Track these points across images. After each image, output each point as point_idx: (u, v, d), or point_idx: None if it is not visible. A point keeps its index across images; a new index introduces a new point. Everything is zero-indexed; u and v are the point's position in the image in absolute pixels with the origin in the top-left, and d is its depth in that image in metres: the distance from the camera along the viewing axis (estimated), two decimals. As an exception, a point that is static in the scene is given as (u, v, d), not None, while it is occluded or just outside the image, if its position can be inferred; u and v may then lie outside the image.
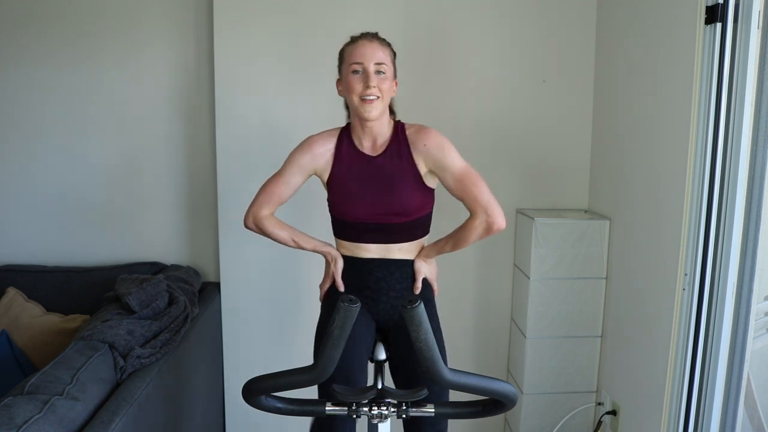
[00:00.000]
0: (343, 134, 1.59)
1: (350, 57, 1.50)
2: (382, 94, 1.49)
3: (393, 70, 1.54)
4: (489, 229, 1.49)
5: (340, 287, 1.61)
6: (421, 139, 1.53)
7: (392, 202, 1.52)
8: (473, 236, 1.51)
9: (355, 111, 1.52)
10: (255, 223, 1.60)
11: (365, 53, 1.48)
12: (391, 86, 1.53)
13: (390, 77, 1.52)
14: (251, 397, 1.15)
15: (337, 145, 1.57)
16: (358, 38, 1.52)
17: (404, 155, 1.54)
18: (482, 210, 1.48)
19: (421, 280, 1.62)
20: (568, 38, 2.30)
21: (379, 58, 1.49)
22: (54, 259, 2.41)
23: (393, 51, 1.56)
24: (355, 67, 1.48)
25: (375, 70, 1.48)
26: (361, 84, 1.48)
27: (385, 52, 1.51)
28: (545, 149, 2.36)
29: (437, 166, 1.52)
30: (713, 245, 1.62)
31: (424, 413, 1.19)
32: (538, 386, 2.27)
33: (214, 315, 2.32)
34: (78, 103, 2.34)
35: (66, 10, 2.29)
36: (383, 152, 1.55)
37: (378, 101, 1.48)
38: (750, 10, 1.49)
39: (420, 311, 1.02)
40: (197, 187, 2.41)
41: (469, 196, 1.49)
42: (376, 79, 1.47)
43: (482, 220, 1.48)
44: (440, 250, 1.61)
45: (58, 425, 1.22)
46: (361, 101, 1.48)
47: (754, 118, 1.54)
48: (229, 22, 2.20)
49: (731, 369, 1.64)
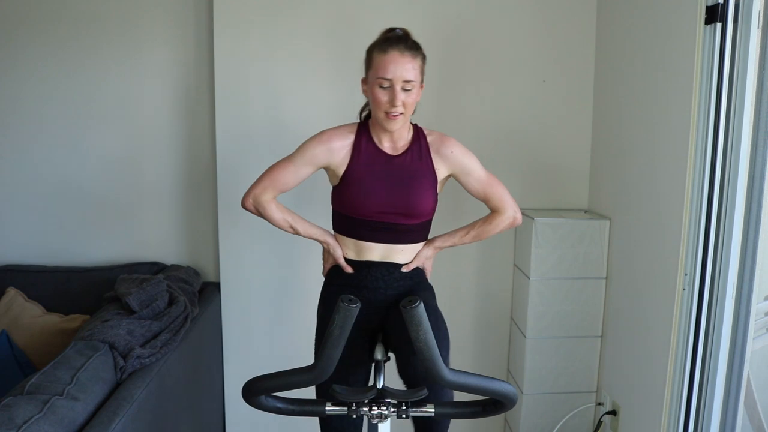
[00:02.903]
0: (361, 130, 1.57)
1: (378, 68, 1.44)
2: (407, 109, 1.47)
3: (421, 79, 1.50)
4: (513, 223, 1.66)
5: (347, 269, 1.60)
6: (448, 146, 1.57)
7: (407, 202, 1.53)
8: (498, 230, 1.66)
9: (379, 121, 1.51)
10: (254, 205, 1.60)
11: (395, 71, 1.43)
12: (417, 95, 1.50)
13: (417, 88, 1.48)
14: (251, 397, 1.15)
15: (356, 141, 1.56)
16: (389, 46, 1.45)
17: (424, 158, 1.55)
18: (509, 207, 1.63)
19: (418, 272, 1.62)
20: (568, 38, 2.30)
21: (408, 76, 1.44)
22: (54, 259, 2.41)
23: (423, 56, 1.50)
24: (383, 82, 1.44)
25: (402, 87, 1.44)
26: (387, 99, 1.45)
27: (415, 65, 1.46)
28: (545, 149, 2.36)
29: (464, 172, 1.59)
30: (713, 245, 1.62)
31: (424, 413, 1.19)
32: (538, 386, 2.27)
33: (214, 315, 2.32)
34: (78, 103, 2.34)
35: (66, 9, 2.28)
36: (404, 152, 1.55)
37: (401, 116, 1.47)
38: (750, 10, 1.49)
39: (420, 311, 1.02)
40: (197, 187, 2.41)
41: (495, 196, 1.62)
42: (402, 96, 1.44)
43: (509, 216, 1.64)
44: (457, 242, 1.68)
45: (58, 425, 1.22)
46: (386, 115, 1.47)
47: (754, 118, 1.54)
48: (229, 21, 2.20)
49: (731, 369, 1.64)
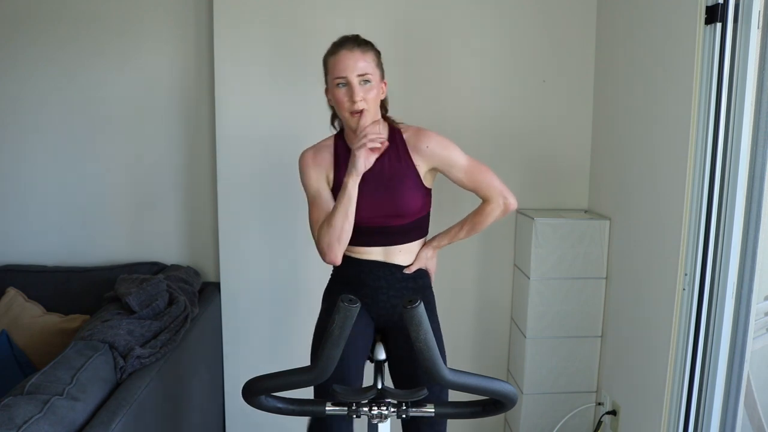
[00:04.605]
0: (338, 141, 1.58)
1: (333, 70, 1.47)
2: (369, 104, 1.47)
3: (379, 74, 1.51)
4: (506, 210, 1.59)
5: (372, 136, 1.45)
6: (423, 141, 1.54)
7: (394, 203, 1.52)
8: (491, 219, 1.60)
9: (347, 124, 1.51)
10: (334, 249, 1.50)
11: (347, 66, 1.44)
12: (379, 90, 1.51)
13: (376, 83, 1.49)
14: (251, 397, 1.15)
15: (335, 152, 1.56)
16: (338, 47, 1.47)
17: (403, 157, 1.54)
18: (498, 194, 1.57)
19: (421, 273, 1.62)
20: (568, 38, 2.30)
21: (361, 69, 1.45)
22: (54, 259, 2.41)
23: (377, 51, 1.52)
24: (339, 81, 1.46)
25: (359, 81, 1.45)
26: (347, 98, 1.46)
27: (367, 59, 1.47)
28: (545, 149, 2.35)
29: (444, 164, 1.55)
30: (713, 245, 1.62)
31: (424, 413, 1.19)
32: (538, 386, 2.27)
33: (214, 315, 2.32)
34: (78, 103, 2.34)
35: (66, 9, 2.28)
36: (381, 156, 1.53)
37: (366, 112, 1.47)
38: (750, 10, 1.49)
39: (420, 311, 1.02)
40: (197, 187, 2.41)
41: (482, 184, 1.57)
42: (361, 91, 1.45)
43: (499, 203, 1.58)
44: (453, 238, 1.65)
45: (58, 425, 1.22)
46: (351, 115, 1.47)
47: (754, 118, 1.53)
48: (229, 22, 2.20)
49: (731, 369, 1.64)
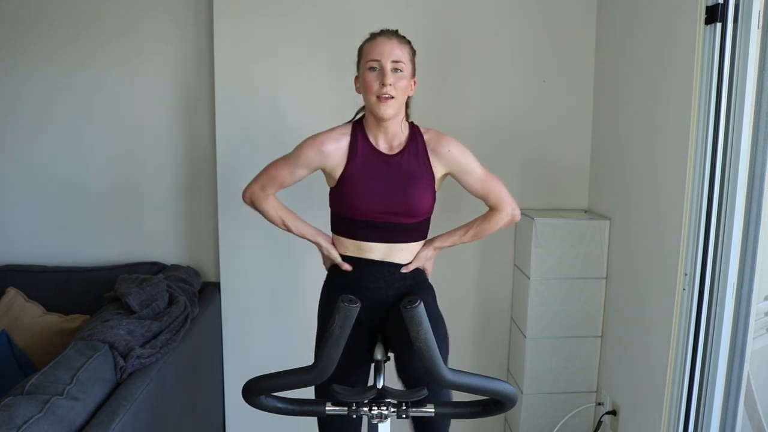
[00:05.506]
0: (356, 130, 1.57)
1: (368, 54, 1.50)
2: (398, 92, 1.48)
3: (411, 69, 1.54)
4: (512, 220, 1.66)
5: (345, 266, 1.59)
6: (445, 145, 1.57)
7: (406, 201, 1.53)
8: (497, 227, 1.66)
9: (371, 109, 1.52)
10: (251, 200, 1.65)
11: (383, 51, 1.47)
12: (409, 85, 1.53)
13: (408, 76, 1.51)
14: (251, 397, 1.15)
15: (351, 142, 1.56)
16: (377, 35, 1.51)
17: (421, 157, 1.55)
18: (507, 204, 1.64)
19: (419, 272, 1.62)
20: (568, 38, 2.30)
21: (397, 56, 1.48)
22: (54, 259, 2.41)
23: (412, 49, 1.55)
24: (372, 64, 1.48)
25: (392, 68, 1.47)
26: (377, 82, 1.47)
27: (403, 50, 1.50)
28: (545, 149, 2.35)
29: (461, 170, 1.58)
30: (713, 245, 1.62)
31: (424, 413, 1.19)
32: (538, 386, 2.27)
33: (214, 315, 2.32)
34: (78, 103, 2.34)
35: (66, 9, 2.28)
36: (401, 152, 1.55)
37: (393, 101, 1.48)
38: (750, 10, 1.49)
39: (420, 311, 1.02)
40: (197, 187, 2.41)
41: (494, 193, 1.62)
42: (392, 78, 1.47)
43: (508, 213, 1.64)
44: (456, 241, 1.68)
45: (58, 425, 1.22)
46: (377, 99, 1.48)
47: (754, 118, 1.53)
48: (229, 21, 2.20)
49: (731, 369, 1.64)
